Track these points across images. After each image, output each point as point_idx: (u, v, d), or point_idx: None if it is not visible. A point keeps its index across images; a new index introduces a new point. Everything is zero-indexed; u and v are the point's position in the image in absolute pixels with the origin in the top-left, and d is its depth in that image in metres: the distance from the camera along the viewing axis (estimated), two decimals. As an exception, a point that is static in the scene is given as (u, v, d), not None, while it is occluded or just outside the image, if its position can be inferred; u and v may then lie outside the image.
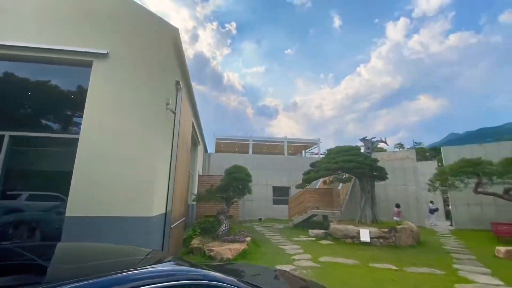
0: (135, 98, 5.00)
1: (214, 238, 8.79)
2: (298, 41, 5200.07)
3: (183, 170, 7.40)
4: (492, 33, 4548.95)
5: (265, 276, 2.99)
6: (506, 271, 6.01)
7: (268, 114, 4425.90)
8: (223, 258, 6.68)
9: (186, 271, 1.95)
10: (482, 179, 11.40)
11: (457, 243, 10.08)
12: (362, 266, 6.47)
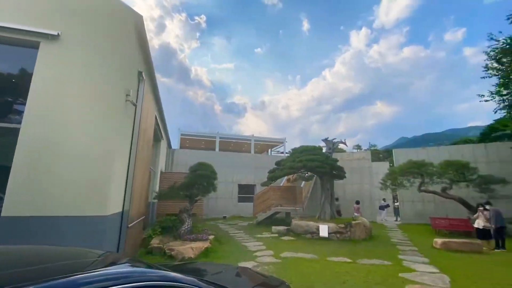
0: (90, 87, 4.59)
1: (176, 237, 8.51)
2: (268, 41, 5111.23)
3: (143, 166, 7.02)
4: (438, 49, 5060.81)
5: (227, 274, 2.97)
6: (441, 260, 6.82)
7: (237, 112, 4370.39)
8: (185, 258, 6.51)
9: (142, 272, 1.85)
10: (425, 179, 12.78)
11: (402, 236, 11.15)
12: (321, 260, 6.80)
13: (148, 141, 7.98)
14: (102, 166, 4.38)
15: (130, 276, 1.72)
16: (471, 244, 7.85)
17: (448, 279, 5.25)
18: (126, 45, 5.06)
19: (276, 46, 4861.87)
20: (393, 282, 5.03)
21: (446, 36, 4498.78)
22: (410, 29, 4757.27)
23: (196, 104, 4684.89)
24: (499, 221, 8.23)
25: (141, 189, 7.20)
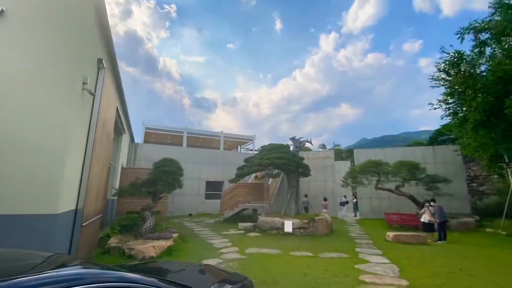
0: (40, 72, 4.14)
1: (137, 236, 8.12)
2: (241, 37, 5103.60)
3: (101, 161, 6.56)
4: (397, 58, 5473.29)
5: (190, 272, 2.92)
6: (392, 252, 7.46)
7: (207, 107, 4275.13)
8: (145, 257, 6.24)
9: (94, 274, 1.73)
10: (381, 177, 13.82)
11: (360, 230, 11.97)
12: (284, 254, 7.01)
13: (108, 134, 7.46)
14: (52, 160, 3.99)
15: (81, 278, 1.60)
16: (418, 237, 8.72)
17: (397, 269, 5.76)
18: (84, 29, 4.65)
19: (248, 42, 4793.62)
20: (350, 273, 5.37)
21: (405, 46, 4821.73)
22: (374, 37, 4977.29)
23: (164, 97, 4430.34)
24: (442, 216, 9.25)
25: (99, 186, 6.72)
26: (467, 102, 10.58)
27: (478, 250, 7.81)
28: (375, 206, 17.26)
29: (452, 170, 15.76)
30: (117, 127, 11.46)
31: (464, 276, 5.23)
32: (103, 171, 7.30)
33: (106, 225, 10.10)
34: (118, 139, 12.63)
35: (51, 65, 4.23)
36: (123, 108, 10.97)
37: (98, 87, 5.62)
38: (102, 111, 5.84)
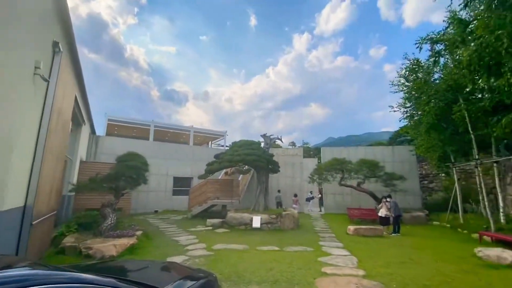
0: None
1: (96, 235, 7.64)
2: (214, 30, 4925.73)
3: (56, 153, 6.03)
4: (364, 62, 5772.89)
5: (152, 270, 2.82)
6: (352, 244, 7.95)
7: (177, 100, 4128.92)
8: (105, 256, 5.89)
9: (42, 275, 1.59)
10: (345, 174, 14.61)
11: (324, 224, 12.56)
12: (251, 250, 7.10)
13: (64, 125, 6.86)
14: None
15: (26, 280, 1.47)
16: (375, 230, 9.41)
17: (356, 260, 6.16)
18: (37, 6, 4.19)
19: (222, 36, 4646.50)
20: (313, 266, 5.62)
21: (371, 52, 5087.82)
22: (344, 40, 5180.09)
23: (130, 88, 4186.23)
24: (397, 210, 10.07)
25: (53, 180, 6.18)
26: (421, 106, 11.61)
27: (426, 241, 8.66)
28: (338, 201, 18.21)
29: (407, 169, 17.19)
30: (76, 117, 10.61)
31: (413, 265, 5.77)
32: (58, 164, 6.72)
33: (61, 223, 9.34)
34: (77, 131, 11.69)
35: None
36: (82, 96, 10.16)
37: (53, 72, 5.13)
38: (57, 99, 5.34)
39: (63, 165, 8.81)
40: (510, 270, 5.37)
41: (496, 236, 8.09)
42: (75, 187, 9.58)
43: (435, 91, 10.75)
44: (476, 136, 10.19)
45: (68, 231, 7.71)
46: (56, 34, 5.19)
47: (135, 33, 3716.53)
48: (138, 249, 6.78)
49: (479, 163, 10.07)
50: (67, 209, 11.32)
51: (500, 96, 7.76)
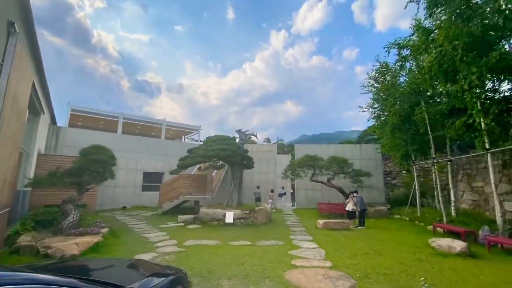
0: None
1: (56, 233, 7.15)
2: (190, 20, 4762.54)
3: (9, 145, 5.50)
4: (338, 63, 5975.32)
5: (118, 268, 2.71)
6: (320, 237, 8.30)
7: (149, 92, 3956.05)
8: (66, 256, 5.53)
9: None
10: (316, 171, 15.12)
11: (295, 218, 12.93)
12: (223, 245, 7.10)
13: (19, 113, 6.26)
14: None
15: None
16: (342, 223, 9.91)
17: (324, 252, 6.45)
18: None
19: (198, 27, 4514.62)
20: (283, 259, 5.78)
21: (344, 53, 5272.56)
22: (319, 40, 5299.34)
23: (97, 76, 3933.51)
24: (362, 205, 10.69)
25: (5, 174, 5.62)
26: (388, 108, 12.37)
27: (388, 233, 9.30)
28: (309, 196, 18.83)
29: (373, 166, 18.25)
30: (33, 106, 9.71)
31: (375, 255, 6.18)
32: (12, 156, 6.12)
33: (16, 221, 8.56)
34: (34, 120, 10.71)
35: None
36: (41, 83, 9.33)
37: (7, 55, 4.64)
38: (12, 84, 4.84)
39: (18, 158, 8.05)
40: (459, 258, 5.98)
41: (447, 227, 8.94)
42: (32, 181, 8.80)
43: (401, 94, 11.51)
44: (433, 137, 11.10)
45: (24, 229, 7.11)
46: (11, 14, 4.68)
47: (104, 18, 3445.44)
48: (104, 247, 6.46)
49: (435, 161, 11.01)
50: (23, 205, 10.39)
51: (454, 101, 8.52)
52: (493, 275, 4.98)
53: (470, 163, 11.08)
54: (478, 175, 10.66)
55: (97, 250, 6.20)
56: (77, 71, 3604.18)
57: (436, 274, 4.98)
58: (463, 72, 6.74)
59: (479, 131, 7.89)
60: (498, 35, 6.42)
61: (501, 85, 8.16)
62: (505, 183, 8.95)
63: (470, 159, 10.84)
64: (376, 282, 4.51)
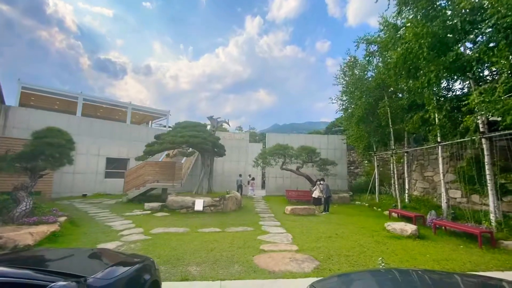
0: None
1: (7, 222, 6.52)
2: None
3: None
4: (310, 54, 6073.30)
5: (78, 258, 2.56)
6: (288, 223, 8.65)
7: (113, 72, 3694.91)
8: (19, 246, 5.08)
9: None
10: (286, 159, 15.53)
11: (264, 205, 13.27)
12: (192, 232, 7.06)
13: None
14: None
15: None
16: (309, 209, 10.41)
17: (291, 237, 6.75)
18: None
19: (168, 6, 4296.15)
20: (252, 244, 5.94)
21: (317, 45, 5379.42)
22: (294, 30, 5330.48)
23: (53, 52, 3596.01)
24: (328, 192, 11.28)
25: None
26: (355, 100, 12.99)
27: (349, 218, 9.99)
28: (279, 184, 19.38)
29: (338, 155, 19.24)
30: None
31: (338, 239, 6.62)
32: None
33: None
34: (-26, 97, 9.42)
35: None
36: None
37: None
38: None
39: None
40: (409, 240, 6.65)
41: (400, 212, 9.86)
42: None
43: (367, 88, 12.14)
44: (394, 129, 11.97)
45: (-36, 220, 6.36)
46: None
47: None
48: (62, 237, 6.05)
49: (394, 152, 11.93)
50: (-38, 193, 9.23)
51: (414, 97, 9.21)
52: (437, 253, 5.64)
53: (423, 154, 12.20)
54: (429, 166, 11.81)
55: (55, 240, 5.79)
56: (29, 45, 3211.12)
57: (390, 254, 5.50)
58: (424, 69, 7.27)
59: (433, 125, 8.67)
60: (456, 37, 6.99)
61: (454, 84, 8.99)
62: (451, 173, 10.04)
63: (423, 151, 11.93)
64: (338, 262, 4.85)
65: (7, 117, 13.33)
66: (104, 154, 16.72)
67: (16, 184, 7.48)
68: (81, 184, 15.56)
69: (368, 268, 4.57)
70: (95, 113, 21.98)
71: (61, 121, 15.05)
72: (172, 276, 4.10)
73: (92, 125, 16.64)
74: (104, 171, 16.77)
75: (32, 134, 8.25)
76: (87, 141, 15.91)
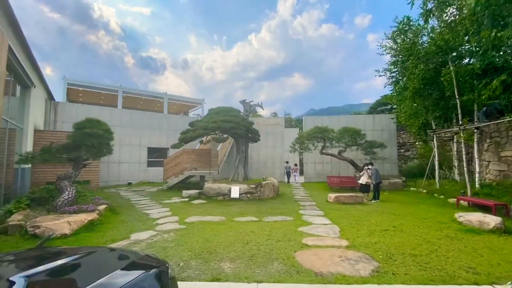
0: None
1: (50, 211, 6.73)
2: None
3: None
4: (349, 31, 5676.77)
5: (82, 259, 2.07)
6: (332, 212, 7.69)
7: (154, 68, 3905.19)
8: (53, 235, 5.06)
9: None
10: (326, 143, 14.28)
11: (304, 193, 12.39)
12: (227, 221, 6.58)
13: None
14: None
15: None
16: (355, 197, 9.24)
17: (338, 229, 5.83)
18: None
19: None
20: (293, 237, 5.19)
21: (356, 20, 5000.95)
22: (330, 6, 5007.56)
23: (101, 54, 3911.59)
24: (378, 177, 9.93)
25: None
26: (408, 70, 11.04)
27: (406, 207, 8.61)
28: (318, 170, 18.21)
29: (386, 137, 17.23)
30: (19, 78, 9.02)
31: (396, 232, 5.52)
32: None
33: (12, 199, 8.26)
34: (25, 94, 10.08)
35: None
36: (26, 52, 8.57)
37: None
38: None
39: (4, 134, 7.53)
40: (494, 236, 5.26)
41: (473, 200, 8.17)
42: (23, 158, 8.29)
43: (425, 53, 10.14)
44: (460, 101, 9.92)
45: (17, 208, 6.72)
46: None
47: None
48: (99, 225, 6.01)
49: (462, 128, 9.95)
50: (23, 184, 10.09)
51: (493, 58, 7.27)
52: (538, 255, 4.27)
53: (499, 130, 9.99)
54: (508, 143, 9.63)
55: (92, 228, 5.75)
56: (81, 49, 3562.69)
57: (471, 254, 4.29)
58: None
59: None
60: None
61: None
62: (543, 151, 7.96)
63: (500, 126, 9.74)
64: (403, 264, 3.85)
65: (56, 112, 14.36)
66: (145, 144, 17.32)
67: (60, 174, 7.76)
68: (127, 173, 16.39)
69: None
70: (136, 106, 22.97)
71: (104, 114, 15.84)
72: (202, 274, 3.57)
73: (132, 116, 17.25)
74: (146, 160, 17.45)
75: (73, 125, 8.47)
76: (128, 132, 16.60)
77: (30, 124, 10.60)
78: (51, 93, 14.45)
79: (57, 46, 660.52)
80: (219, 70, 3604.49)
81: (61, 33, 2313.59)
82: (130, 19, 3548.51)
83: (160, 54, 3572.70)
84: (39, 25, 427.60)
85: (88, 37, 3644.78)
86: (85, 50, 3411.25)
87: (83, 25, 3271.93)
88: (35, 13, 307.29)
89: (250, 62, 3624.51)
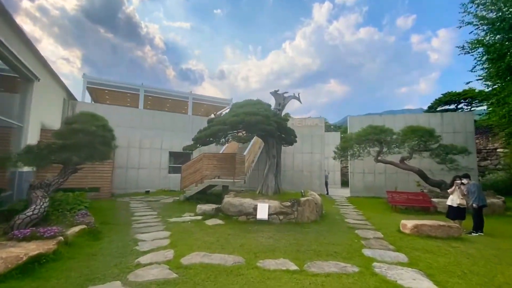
0: None
1: (7, 232, 4.85)
2: (229, 3, 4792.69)
3: None
4: (389, 34, 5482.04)
5: None
6: (423, 258, 4.66)
7: (193, 80, 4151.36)
8: None
9: None
10: (383, 147, 11.04)
11: (357, 213, 9.28)
12: (247, 267, 4.02)
13: None
14: None
15: None
16: (448, 228, 5.96)
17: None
18: None
19: (237, 10, 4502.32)
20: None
21: (398, 21, 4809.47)
22: (369, 9, 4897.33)
23: (146, 67, 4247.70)
24: (481, 198, 6.56)
25: None
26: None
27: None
28: (368, 182, 14.79)
29: (461, 141, 13.26)
30: (19, 70, 7.78)
31: None
32: None
33: None
34: (27, 89, 8.82)
35: None
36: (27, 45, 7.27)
37: None
38: None
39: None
40: None
41: None
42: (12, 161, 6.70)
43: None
44: None
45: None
46: None
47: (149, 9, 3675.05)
48: (47, 264, 3.87)
49: None
50: (19, 190, 8.74)
51: None
52: None
53: None
54: None
55: (30, 270, 3.62)
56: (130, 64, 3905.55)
57: None
58: None
59: None
60: None
61: None
62: None
63: None
64: None
65: (74, 112, 13.33)
66: (167, 148, 15.69)
67: (33, 180, 5.99)
68: (146, 179, 14.82)
69: None
70: (163, 108, 21.85)
71: (124, 114, 14.56)
72: None
73: (154, 117, 15.80)
74: (167, 166, 15.78)
75: (63, 120, 6.78)
76: (150, 135, 15.13)
77: (33, 122, 9.33)
78: (71, 93, 13.56)
79: (110, 62, 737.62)
80: (254, 79, 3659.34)
81: (114, 50, 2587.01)
82: (172, 34, 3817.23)
83: (198, 65, 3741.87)
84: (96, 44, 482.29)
85: (136, 52, 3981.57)
86: (133, 65, 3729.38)
87: (133, 42, 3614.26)
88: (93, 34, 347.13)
89: (284, 70, 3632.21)
